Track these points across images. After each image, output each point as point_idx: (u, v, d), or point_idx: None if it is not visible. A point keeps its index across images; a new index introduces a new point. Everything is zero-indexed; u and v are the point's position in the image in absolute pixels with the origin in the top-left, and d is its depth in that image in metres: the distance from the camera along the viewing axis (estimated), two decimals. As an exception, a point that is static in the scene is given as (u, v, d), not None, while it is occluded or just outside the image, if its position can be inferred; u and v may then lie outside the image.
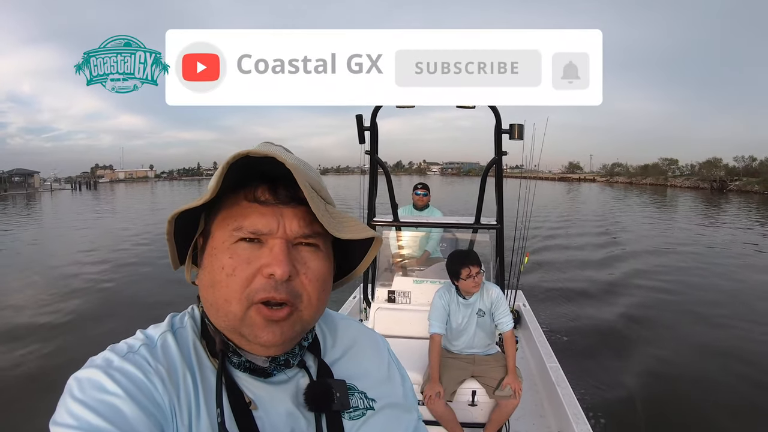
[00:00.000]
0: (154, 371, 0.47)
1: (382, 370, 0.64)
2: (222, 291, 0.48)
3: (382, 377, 0.63)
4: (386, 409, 0.59)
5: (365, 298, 3.20)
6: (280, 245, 0.48)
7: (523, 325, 3.98)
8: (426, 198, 3.94)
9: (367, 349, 0.64)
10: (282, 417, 0.52)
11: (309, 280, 0.50)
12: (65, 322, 6.16)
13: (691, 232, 14.65)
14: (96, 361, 0.47)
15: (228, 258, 0.49)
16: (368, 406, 0.58)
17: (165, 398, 0.46)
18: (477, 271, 2.37)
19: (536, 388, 3.08)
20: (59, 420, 0.42)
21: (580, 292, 7.27)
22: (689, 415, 3.71)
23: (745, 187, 42.97)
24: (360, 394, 0.58)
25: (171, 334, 0.52)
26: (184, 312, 0.57)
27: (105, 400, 0.43)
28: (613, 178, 74.04)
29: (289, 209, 0.50)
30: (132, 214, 23.93)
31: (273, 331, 0.49)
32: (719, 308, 6.48)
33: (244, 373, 0.52)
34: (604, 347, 5.05)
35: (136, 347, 0.49)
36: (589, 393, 3.91)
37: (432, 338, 2.41)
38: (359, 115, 2.59)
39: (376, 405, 0.58)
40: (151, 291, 7.60)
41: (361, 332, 0.66)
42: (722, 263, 9.59)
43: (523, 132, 2.48)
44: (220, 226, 0.51)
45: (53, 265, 9.91)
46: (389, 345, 0.69)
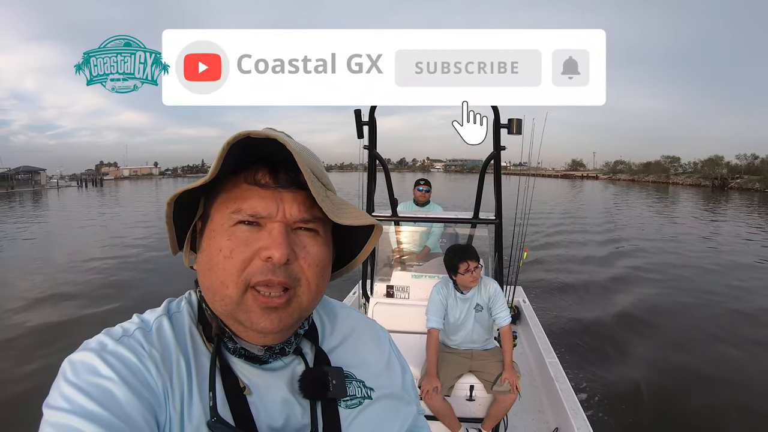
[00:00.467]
0: (148, 355, 0.47)
1: (382, 359, 0.63)
2: (219, 273, 0.48)
3: (381, 367, 0.62)
4: (384, 399, 0.58)
5: (364, 293, 3.21)
6: (279, 228, 0.48)
7: (523, 321, 3.98)
8: (428, 194, 3.95)
9: (367, 339, 0.63)
10: (277, 404, 0.51)
11: (308, 265, 0.50)
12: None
13: (690, 227, 14.63)
14: (90, 344, 0.47)
15: (226, 240, 0.48)
16: (366, 395, 0.57)
17: (158, 382, 0.46)
18: (475, 265, 2.37)
19: (535, 384, 3.10)
20: (52, 403, 0.42)
21: (580, 287, 7.27)
22: (689, 411, 3.71)
23: (746, 184, 43.02)
24: (358, 383, 0.57)
25: (167, 319, 0.52)
26: (181, 297, 0.56)
27: (98, 383, 0.43)
28: (615, 176, 74.15)
29: (289, 193, 0.50)
30: (144, 207, 24.12)
31: (271, 318, 0.48)
32: (725, 304, 6.48)
33: (240, 359, 0.51)
34: (604, 343, 5.06)
35: (130, 331, 0.49)
36: (588, 388, 3.93)
37: (430, 333, 2.42)
38: (357, 110, 2.59)
39: (373, 394, 0.57)
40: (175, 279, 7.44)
41: (361, 321, 0.66)
42: (725, 260, 9.56)
43: (522, 127, 2.48)
44: (219, 208, 0.50)
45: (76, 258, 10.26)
46: (390, 336, 0.68)
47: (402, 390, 0.62)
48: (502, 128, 2.53)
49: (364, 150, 2.80)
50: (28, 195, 44.54)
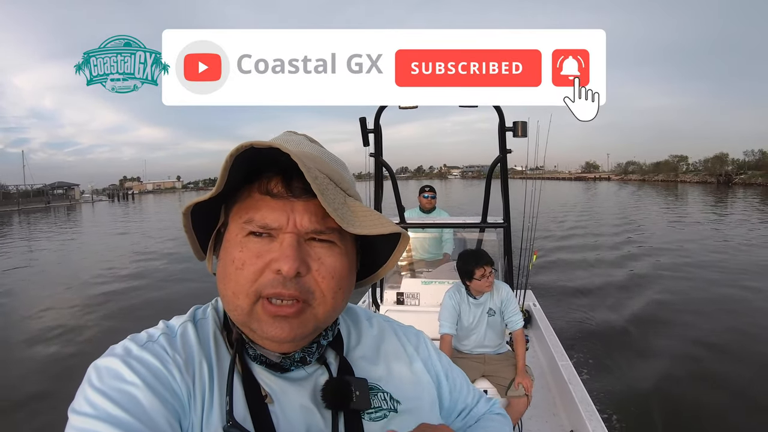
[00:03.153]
0: (172, 360, 0.46)
1: (410, 371, 0.59)
2: (231, 284, 0.47)
3: (409, 379, 0.58)
4: (412, 413, 0.55)
5: (374, 301, 3.13)
6: (290, 240, 0.45)
7: (534, 325, 3.85)
8: (433, 201, 3.85)
9: (394, 349, 0.60)
10: (298, 413, 0.49)
11: (322, 277, 0.47)
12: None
13: (702, 226, 14.23)
14: (116, 350, 0.46)
15: (238, 251, 0.47)
16: (392, 408, 0.53)
17: (182, 387, 0.45)
18: (490, 270, 2.32)
19: (548, 387, 2.97)
20: (78, 408, 0.42)
21: (593, 289, 7.06)
22: (707, 415, 3.53)
23: (749, 180, 43.78)
24: (384, 394, 0.54)
25: (192, 324, 0.51)
26: (208, 304, 0.55)
27: (123, 389, 0.42)
28: (626, 176, 75.38)
29: (301, 203, 0.47)
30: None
31: (281, 326, 0.46)
32: (743, 305, 6.20)
33: (261, 366, 0.50)
34: (619, 345, 4.88)
35: (155, 336, 0.48)
36: (604, 391, 3.77)
37: (442, 339, 2.35)
38: (362, 117, 2.54)
39: (400, 407, 0.54)
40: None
41: (390, 330, 0.62)
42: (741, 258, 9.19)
43: (527, 129, 2.40)
44: (233, 218, 0.49)
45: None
46: (426, 338, 0.65)
47: (431, 406, 0.58)
48: (507, 131, 2.47)
49: (371, 158, 2.75)
50: (64, 209, 45.78)
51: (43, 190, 64.06)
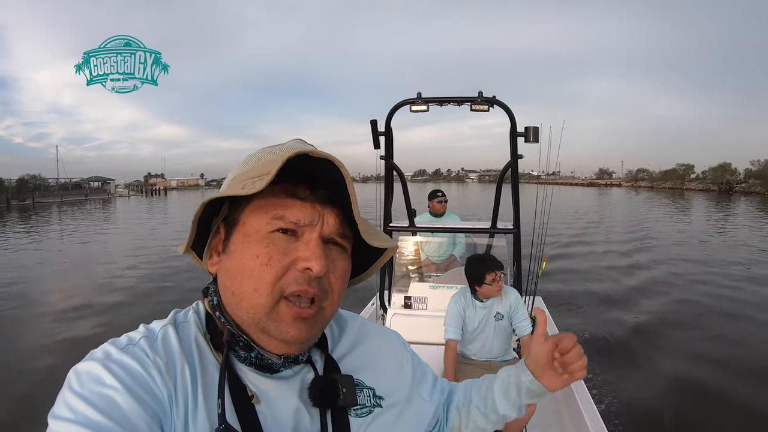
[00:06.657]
0: (153, 363, 0.44)
1: (393, 364, 0.60)
2: (252, 280, 0.45)
3: (393, 372, 0.59)
4: (396, 406, 0.55)
5: (381, 305, 3.07)
6: (318, 240, 0.46)
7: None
8: (445, 204, 3.74)
9: (376, 344, 0.60)
10: (286, 412, 0.48)
11: (336, 279, 0.48)
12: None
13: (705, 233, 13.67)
14: (96, 354, 0.44)
15: (264, 247, 0.46)
16: (376, 404, 0.54)
17: (163, 390, 0.43)
18: (500, 275, 2.25)
19: (554, 395, 2.83)
20: (57, 413, 0.40)
21: (603, 296, 6.84)
22: (717, 426, 3.35)
23: (749, 188, 44.14)
24: (368, 390, 0.54)
25: (173, 328, 0.49)
26: (189, 307, 0.53)
27: (103, 393, 0.40)
28: (637, 183, 76.01)
29: (327, 209, 0.48)
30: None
31: (300, 327, 0.46)
32: (753, 312, 5.93)
33: (249, 367, 0.48)
34: (626, 353, 4.71)
35: (135, 340, 0.46)
36: (609, 400, 3.64)
37: (447, 344, 2.28)
38: (374, 120, 2.47)
39: (384, 402, 0.54)
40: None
41: (370, 328, 0.62)
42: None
43: (539, 135, 2.30)
44: (255, 213, 0.47)
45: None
46: (402, 337, 0.65)
47: (414, 388, 0.60)
48: (519, 137, 2.37)
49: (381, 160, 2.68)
50: (100, 202, 46.31)
51: (80, 184, 65.82)
